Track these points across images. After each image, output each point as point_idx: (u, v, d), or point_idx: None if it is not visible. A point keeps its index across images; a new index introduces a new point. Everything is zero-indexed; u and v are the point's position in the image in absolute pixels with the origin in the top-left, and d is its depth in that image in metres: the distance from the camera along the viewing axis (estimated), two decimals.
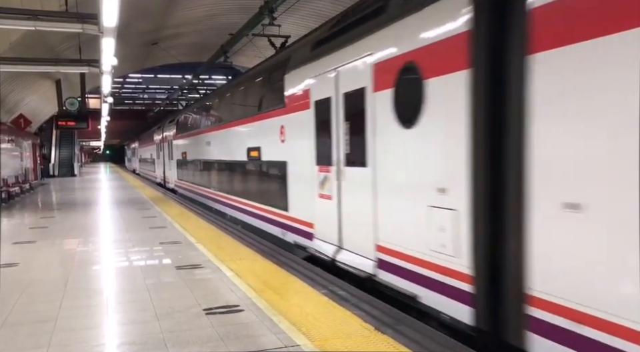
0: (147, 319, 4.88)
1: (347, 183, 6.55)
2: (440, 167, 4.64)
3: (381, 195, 5.70)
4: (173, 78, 43.80)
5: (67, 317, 4.99)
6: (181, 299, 5.45)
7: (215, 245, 8.51)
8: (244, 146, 11.29)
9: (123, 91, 56.78)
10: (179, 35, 24.73)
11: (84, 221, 12.47)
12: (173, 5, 19.47)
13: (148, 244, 8.94)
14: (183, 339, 4.30)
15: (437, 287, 4.72)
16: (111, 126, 46.27)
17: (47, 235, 10.24)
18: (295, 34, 16.28)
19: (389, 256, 5.55)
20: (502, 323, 3.97)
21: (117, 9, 8.65)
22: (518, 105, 3.74)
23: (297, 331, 4.37)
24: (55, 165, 38.27)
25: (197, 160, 17.40)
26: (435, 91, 4.66)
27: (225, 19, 21.49)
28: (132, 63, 30.24)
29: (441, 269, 4.63)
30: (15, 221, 13.32)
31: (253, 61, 23.47)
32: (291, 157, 8.50)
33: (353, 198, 6.36)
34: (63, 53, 19.27)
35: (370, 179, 5.88)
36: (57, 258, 8.03)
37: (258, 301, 5.29)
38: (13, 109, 23.98)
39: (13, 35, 14.56)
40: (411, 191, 5.09)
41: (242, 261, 7.21)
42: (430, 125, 4.78)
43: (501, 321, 3.98)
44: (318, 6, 18.38)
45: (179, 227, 10.80)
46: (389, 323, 4.48)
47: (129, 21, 16.05)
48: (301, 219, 8.16)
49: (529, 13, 3.63)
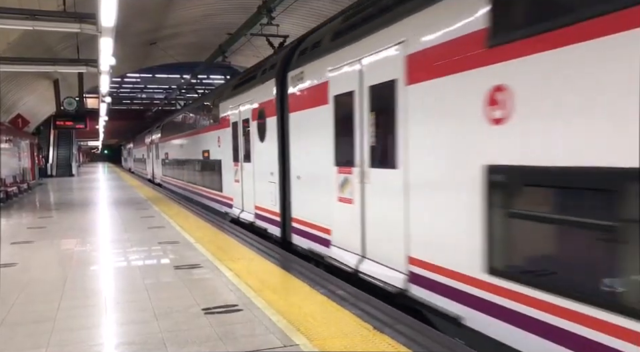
0: (145, 318, 4.88)
1: (246, 173, 11.41)
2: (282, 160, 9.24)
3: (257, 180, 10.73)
4: (171, 78, 43.80)
5: (66, 317, 4.99)
6: (180, 299, 5.45)
7: (214, 245, 8.51)
8: (200, 149, 16.48)
9: (121, 90, 56.73)
10: (177, 35, 24.72)
11: (82, 220, 12.46)
12: (171, 4, 19.46)
13: (146, 244, 8.94)
14: (182, 338, 4.30)
15: (271, 221, 9.82)
16: (109, 126, 46.20)
17: (45, 235, 10.23)
18: (293, 34, 16.27)
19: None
20: (287, 233, 8.97)
21: (115, 8, 8.64)
22: (286, 133, 8.80)
23: (295, 331, 4.38)
24: (53, 165, 38.20)
25: (173, 159, 23.08)
26: (269, 125, 9.65)
27: (223, 19, 21.49)
28: (130, 63, 30.23)
29: (271, 212, 9.74)
30: (13, 220, 13.30)
31: (251, 60, 23.47)
32: (224, 156, 13.38)
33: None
34: (61, 52, 19.25)
35: (252, 170, 10.96)
36: (55, 258, 8.02)
37: (256, 300, 5.29)
38: (11, 109, 23.94)
39: (11, 34, 14.54)
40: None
41: (240, 261, 7.22)
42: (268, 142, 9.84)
43: (287, 232, 8.98)
44: (316, 6, 18.40)
45: (177, 226, 10.79)
46: (388, 323, 4.48)
47: (127, 21, 16.03)
48: (228, 195, 13.18)
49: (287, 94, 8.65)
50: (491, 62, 4.10)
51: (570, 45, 3.42)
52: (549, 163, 3.59)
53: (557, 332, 3.55)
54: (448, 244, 4.71)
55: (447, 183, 4.73)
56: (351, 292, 5.50)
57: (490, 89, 4.10)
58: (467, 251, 4.41)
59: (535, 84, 3.68)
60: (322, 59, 7.34)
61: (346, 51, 6.60)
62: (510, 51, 3.89)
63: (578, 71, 3.39)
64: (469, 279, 4.39)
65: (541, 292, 3.66)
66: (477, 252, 4.26)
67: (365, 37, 6.14)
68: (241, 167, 11.77)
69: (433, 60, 4.83)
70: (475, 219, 4.28)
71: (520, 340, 3.85)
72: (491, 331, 4.15)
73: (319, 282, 5.92)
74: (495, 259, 4.12)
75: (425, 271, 5.04)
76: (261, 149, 10.15)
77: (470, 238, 4.34)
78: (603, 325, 3.22)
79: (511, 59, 3.89)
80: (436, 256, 4.88)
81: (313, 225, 7.88)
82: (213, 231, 10.16)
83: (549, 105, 3.59)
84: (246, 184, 11.37)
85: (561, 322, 3.51)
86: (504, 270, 4.03)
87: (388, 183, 5.65)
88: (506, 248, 4.09)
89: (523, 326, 3.83)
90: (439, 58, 4.74)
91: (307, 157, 8.04)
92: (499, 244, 4.11)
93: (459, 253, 4.54)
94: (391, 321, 4.54)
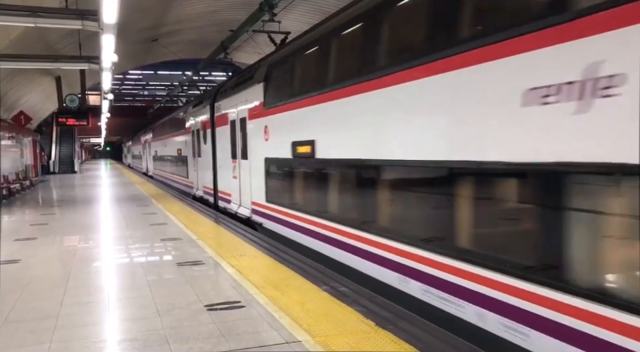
0: (148, 315, 4.89)
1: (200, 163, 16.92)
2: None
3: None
4: (173, 74, 43.80)
5: (69, 314, 5.00)
6: (182, 296, 5.46)
7: (216, 242, 8.52)
8: (175, 148, 22.02)
9: (123, 87, 56.76)
10: (179, 32, 24.69)
11: (84, 217, 12.48)
12: (173, 1, 19.43)
13: (149, 240, 8.95)
14: (185, 335, 4.31)
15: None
16: (111, 123, 46.26)
17: (47, 232, 10.25)
18: (295, 30, 16.24)
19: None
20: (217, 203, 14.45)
21: (116, 5, 8.63)
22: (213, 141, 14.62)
23: (298, 327, 4.38)
24: (55, 162, 38.24)
25: (158, 155, 29.29)
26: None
27: (225, 16, 21.45)
28: (132, 60, 30.22)
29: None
30: (16, 217, 13.34)
31: (253, 57, 23.43)
32: (190, 154, 18.35)
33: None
34: (63, 49, 19.25)
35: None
36: (57, 255, 8.04)
37: (259, 297, 5.30)
38: (14, 106, 23.97)
39: (13, 31, 14.54)
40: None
41: (243, 258, 7.22)
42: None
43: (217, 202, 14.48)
44: (318, 2, 18.35)
45: (179, 223, 10.81)
46: (390, 319, 4.48)
47: (129, 18, 16.00)
48: (189, 178, 18.92)
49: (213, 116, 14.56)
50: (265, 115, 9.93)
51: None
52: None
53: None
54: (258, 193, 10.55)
55: (257, 166, 10.52)
56: (353, 288, 5.50)
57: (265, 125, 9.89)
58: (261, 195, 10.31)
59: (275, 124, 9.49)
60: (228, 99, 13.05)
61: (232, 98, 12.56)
62: (268, 112, 9.70)
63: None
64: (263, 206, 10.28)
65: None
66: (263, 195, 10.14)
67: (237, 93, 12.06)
68: (195, 160, 17.45)
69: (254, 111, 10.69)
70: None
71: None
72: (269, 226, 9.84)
73: (321, 279, 5.92)
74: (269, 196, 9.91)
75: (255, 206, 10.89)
76: (204, 148, 15.87)
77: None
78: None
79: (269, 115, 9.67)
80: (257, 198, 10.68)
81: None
82: (215, 227, 10.18)
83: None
84: (201, 169, 16.84)
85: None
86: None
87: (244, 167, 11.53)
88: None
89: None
90: (255, 110, 10.64)
91: (222, 153, 13.63)
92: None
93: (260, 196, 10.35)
94: (394, 317, 4.54)
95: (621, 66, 3.01)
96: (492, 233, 4.57)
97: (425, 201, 5.41)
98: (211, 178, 14.88)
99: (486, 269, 4.18)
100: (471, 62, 4.25)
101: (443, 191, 4.89)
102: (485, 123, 4.20)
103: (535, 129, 3.67)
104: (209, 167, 14.89)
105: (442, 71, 4.62)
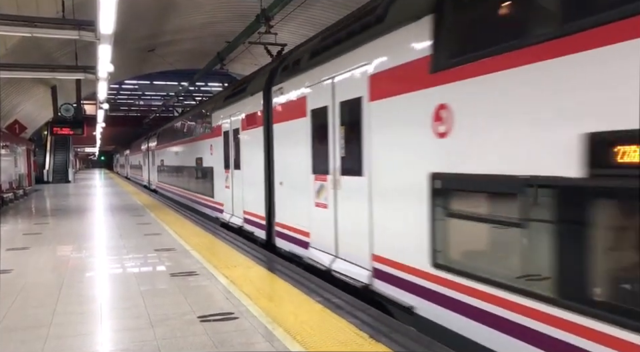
0: (141, 325, 4.87)
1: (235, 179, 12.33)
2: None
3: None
4: (169, 85, 43.83)
5: (61, 324, 4.97)
6: (176, 306, 5.44)
7: (210, 252, 8.50)
8: (192, 156, 17.58)
9: (118, 97, 56.73)
10: (176, 42, 24.80)
11: (78, 227, 12.42)
12: (170, 12, 19.54)
13: (142, 251, 8.92)
14: (177, 346, 4.29)
15: (256, 224, 10.44)
16: (107, 132, 46.19)
17: (41, 241, 10.19)
18: (291, 42, 16.34)
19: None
20: (272, 236, 9.54)
21: (113, 15, 8.68)
22: (271, 142, 9.36)
23: (291, 339, 4.37)
24: (49, 171, 38.04)
25: (165, 165, 25.70)
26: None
27: (222, 27, 21.58)
28: (128, 70, 30.29)
29: (259, 216, 10.28)
30: (9, 227, 13.25)
31: (249, 68, 23.54)
32: (218, 164, 13.94)
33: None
34: (59, 58, 19.28)
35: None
36: (50, 264, 7.99)
37: (252, 308, 5.28)
38: (8, 115, 23.92)
39: (9, 40, 14.57)
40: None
41: (236, 268, 7.21)
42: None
43: (272, 235, 9.54)
44: (314, 14, 18.49)
45: (173, 233, 10.77)
46: (384, 332, 4.48)
47: (126, 28, 16.08)
48: (215, 198, 14.43)
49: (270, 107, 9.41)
50: (435, 84, 4.68)
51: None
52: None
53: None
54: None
55: (400, 188, 5.33)
56: (347, 300, 5.50)
57: (436, 107, 4.63)
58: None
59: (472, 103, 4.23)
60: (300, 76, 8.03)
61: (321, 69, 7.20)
62: (450, 76, 4.45)
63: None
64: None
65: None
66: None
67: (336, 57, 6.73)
68: (231, 168, 12.46)
69: (390, 81, 5.42)
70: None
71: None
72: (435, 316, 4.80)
73: (315, 290, 5.92)
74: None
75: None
76: (247, 157, 11.18)
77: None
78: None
79: (451, 82, 4.46)
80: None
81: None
82: (209, 238, 10.15)
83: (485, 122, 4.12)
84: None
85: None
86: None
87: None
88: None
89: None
90: (394, 79, 5.32)
91: (286, 164, 8.81)
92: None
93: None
94: (387, 329, 4.54)
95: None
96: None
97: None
98: (260, 200, 9.96)
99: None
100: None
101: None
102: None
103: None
104: (258, 184, 10.05)
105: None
